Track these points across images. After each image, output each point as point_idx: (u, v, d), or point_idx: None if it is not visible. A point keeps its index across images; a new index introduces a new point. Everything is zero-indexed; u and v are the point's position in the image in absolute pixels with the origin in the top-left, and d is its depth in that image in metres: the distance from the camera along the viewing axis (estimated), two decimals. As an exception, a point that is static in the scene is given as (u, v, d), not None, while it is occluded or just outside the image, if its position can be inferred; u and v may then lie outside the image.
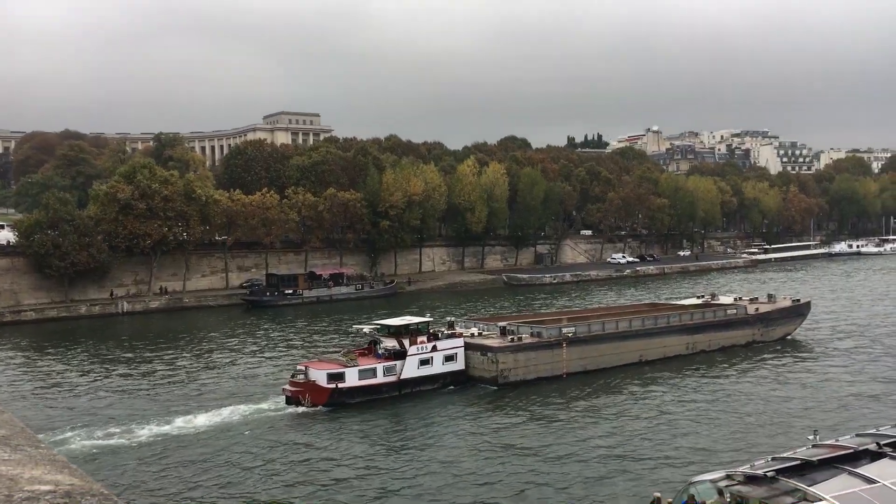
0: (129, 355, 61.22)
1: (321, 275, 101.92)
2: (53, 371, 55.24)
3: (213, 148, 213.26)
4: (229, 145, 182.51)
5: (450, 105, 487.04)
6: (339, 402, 42.84)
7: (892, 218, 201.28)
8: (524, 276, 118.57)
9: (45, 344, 67.70)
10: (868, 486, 18.84)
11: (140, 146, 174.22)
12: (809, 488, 18.59)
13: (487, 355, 47.97)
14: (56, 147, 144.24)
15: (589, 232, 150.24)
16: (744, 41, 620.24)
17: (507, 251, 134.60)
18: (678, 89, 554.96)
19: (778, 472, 19.72)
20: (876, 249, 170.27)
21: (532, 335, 50.47)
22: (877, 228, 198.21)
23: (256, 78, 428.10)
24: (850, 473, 19.59)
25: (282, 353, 60.96)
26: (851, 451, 21.75)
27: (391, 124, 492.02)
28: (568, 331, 50.81)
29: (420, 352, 46.51)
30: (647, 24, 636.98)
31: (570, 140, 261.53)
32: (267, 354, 60.76)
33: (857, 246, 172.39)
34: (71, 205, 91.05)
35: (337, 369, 43.80)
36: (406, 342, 46.61)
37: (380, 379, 44.84)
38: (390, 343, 46.99)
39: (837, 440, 23.89)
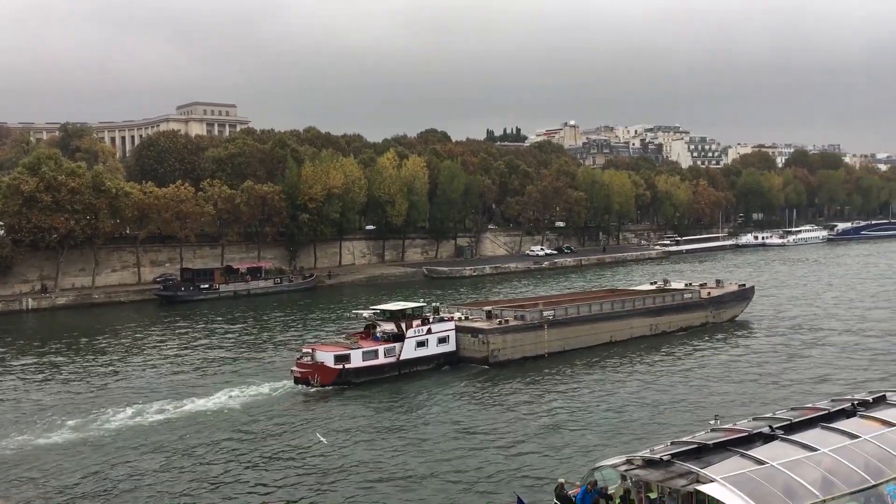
0: (36, 355, 59.05)
1: (238, 269, 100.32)
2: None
3: (123, 139, 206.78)
4: (141, 136, 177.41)
5: (369, 98, 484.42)
6: (345, 381, 45.96)
7: (794, 211, 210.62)
8: (444, 268, 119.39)
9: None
10: (757, 467, 19.91)
11: (45, 136, 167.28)
12: (702, 470, 19.52)
13: (479, 337, 51.64)
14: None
15: (509, 225, 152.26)
16: (657, 39, 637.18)
17: (427, 244, 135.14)
18: (595, 84, 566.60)
19: (675, 455, 20.62)
20: (780, 241, 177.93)
21: (516, 318, 54.00)
22: (781, 221, 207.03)
23: (168, 67, 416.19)
24: (742, 455, 20.63)
25: (211, 348, 59.88)
26: (746, 434, 22.88)
27: (310, 116, 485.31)
28: (548, 314, 54.90)
29: (417, 334, 49.73)
30: (563, 19, 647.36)
31: (490, 133, 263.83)
32: (194, 347, 59.57)
33: (763, 238, 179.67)
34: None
35: (343, 351, 46.89)
36: (403, 325, 49.67)
37: (381, 360, 48.01)
38: (388, 326, 50.09)
39: (735, 424, 25.03)
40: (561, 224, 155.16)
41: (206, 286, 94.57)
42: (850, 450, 21.87)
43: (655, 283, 74.94)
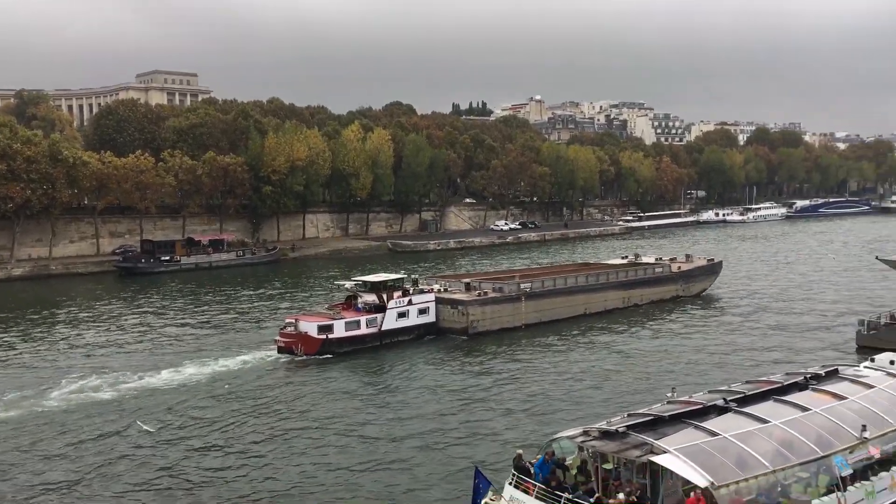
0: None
1: (200, 241, 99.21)
2: None
3: (81, 107, 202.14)
4: (99, 104, 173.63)
5: (334, 70, 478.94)
6: (328, 351, 46.84)
7: (755, 188, 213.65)
8: (409, 242, 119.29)
9: None
10: (710, 439, 20.36)
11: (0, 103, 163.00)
12: (656, 441, 19.91)
13: (458, 308, 52.76)
14: None
15: (473, 199, 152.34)
16: (622, 15, 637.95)
17: (391, 218, 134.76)
18: (561, 60, 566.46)
19: (630, 427, 21.00)
20: (740, 218, 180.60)
21: (494, 290, 55.16)
22: (741, 198, 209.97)
23: (126, 35, 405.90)
24: (696, 427, 21.07)
25: (174, 319, 59.29)
26: (701, 406, 23.37)
27: (273, 87, 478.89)
28: (526, 286, 56.19)
29: (398, 305, 50.74)
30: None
31: (456, 107, 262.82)
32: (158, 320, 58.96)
33: (723, 215, 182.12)
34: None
35: (326, 321, 47.74)
36: (384, 297, 50.55)
37: (363, 330, 48.92)
38: (370, 297, 50.84)
39: (691, 397, 25.54)
40: (526, 199, 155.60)
41: (168, 258, 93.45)
42: (801, 422, 22.46)
43: (627, 257, 76.29)
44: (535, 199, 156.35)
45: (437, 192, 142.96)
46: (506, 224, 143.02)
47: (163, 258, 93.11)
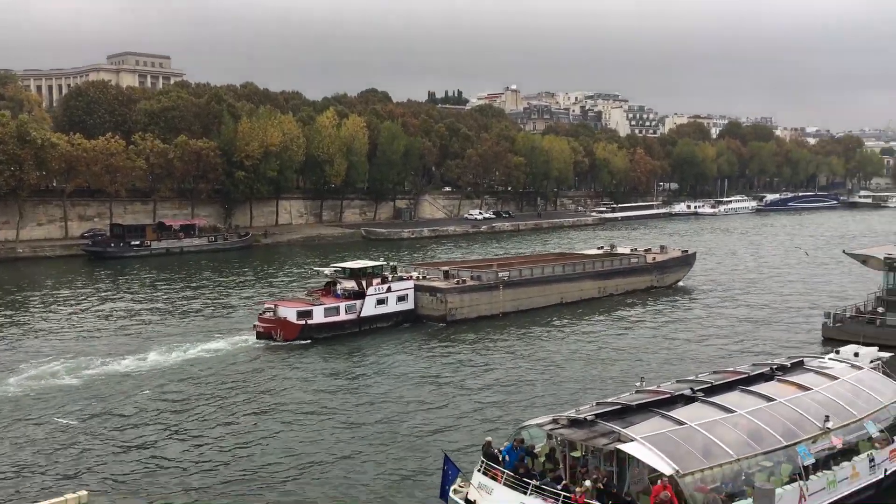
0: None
1: (171, 226, 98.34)
2: None
3: (50, 88, 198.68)
4: (69, 85, 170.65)
5: (309, 56, 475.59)
6: (308, 337, 47.03)
7: (726, 181, 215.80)
8: (383, 230, 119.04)
9: None
10: (676, 427, 20.63)
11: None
12: (624, 430, 20.13)
13: (437, 295, 53.14)
14: None
15: (448, 188, 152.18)
16: (598, 7, 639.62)
17: (366, 205, 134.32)
18: (537, 50, 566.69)
19: (599, 415, 21.22)
20: (711, 210, 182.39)
21: (472, 278, 55.64)
22: (713, 191, 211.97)
23: (98, 15, 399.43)
24: (663, 416, 21.34)
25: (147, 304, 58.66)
26: (668, 395, 23.67)
27: (248, 72, 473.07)
28: (504, 275, 56.74)
29: (377, 292, 51.03)
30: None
31: (431, 95, 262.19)
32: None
33: (695, 207, 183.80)
34: None
35: (306, 307, 47.95)
36: (364, 283, 50.91)
37: (342, 316, 49.24)
38: (349, 284, 51.29)
39: (659, 386, 25.85)
40: (500, 188, 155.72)
41: (138, 243, 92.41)
42: (766, 412, 22.83)
43: (602, 247, 76.94)
44: (509, 188, 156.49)
45: (412, 181, 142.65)
46: (480, 213, 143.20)
47: (133, 243, 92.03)
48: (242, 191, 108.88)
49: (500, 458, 21.58)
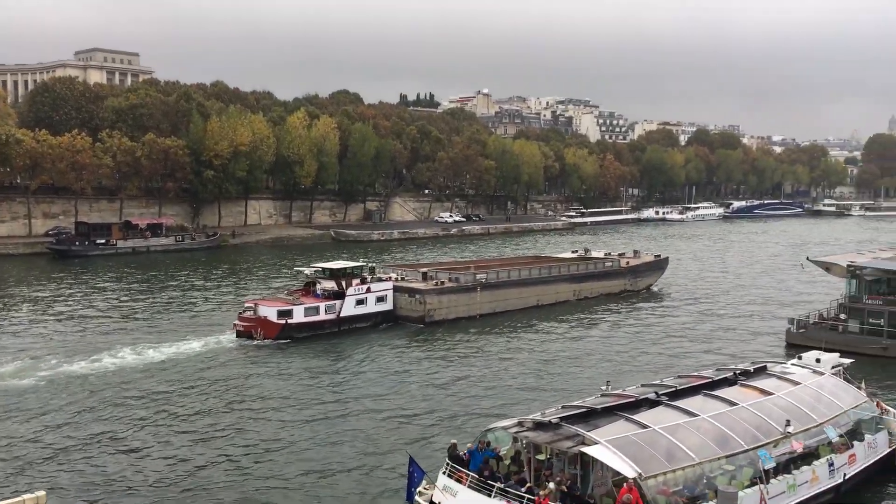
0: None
1: (138, 224, 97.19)
2: None
3: (16, 83, 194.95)
4: (35, 81, 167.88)
5: (281, 56, 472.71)
6: (288, 336, 47.40)
7: (694, 188, 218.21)
8: (353, 232, 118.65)
9: None
10: (640, 431, 20.82)
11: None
12: (588, 433, 20.28)
13: (416, 297, 53.67)
14: None
15: (419, 190, 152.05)
16: (569, 13, 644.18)
17: (336, 207, 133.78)
18: (508, 54, 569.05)
19: (564, 418, 21.34)
20: (679, 217, 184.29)
21: (451, 280, 56.17)
22: (681, 197, 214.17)
23: (66, 11, 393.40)
24: (627, 419, 21.52)
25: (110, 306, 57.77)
26: (633, 399, 23.86)
27: (218, 71, 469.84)
28: (481, 277, 57.55)
29: (356, 293, 51.55)
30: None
31: (403, 98, 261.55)
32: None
33: (663, 213, 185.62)
34: None
35: (286, 307, 48.25)
36: (343, 284, 51.39)
37: (322, 316, 49.69)
38: (329, 284, 51.77)
39: (624, 390, 26.06)
40: (471, 192, 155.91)
41: (103, 241, 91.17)
42: (729, 416, 23.14)
43: (577, 251, 77.77)
44: (480, 192, 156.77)
45: (383, 183, 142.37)
46: (450, 216, 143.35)
47: (98, 241, 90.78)
48: (211, 190, 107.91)
49: (466, 461, 21.60)
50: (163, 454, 28.25)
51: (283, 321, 47.38)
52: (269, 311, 47.37)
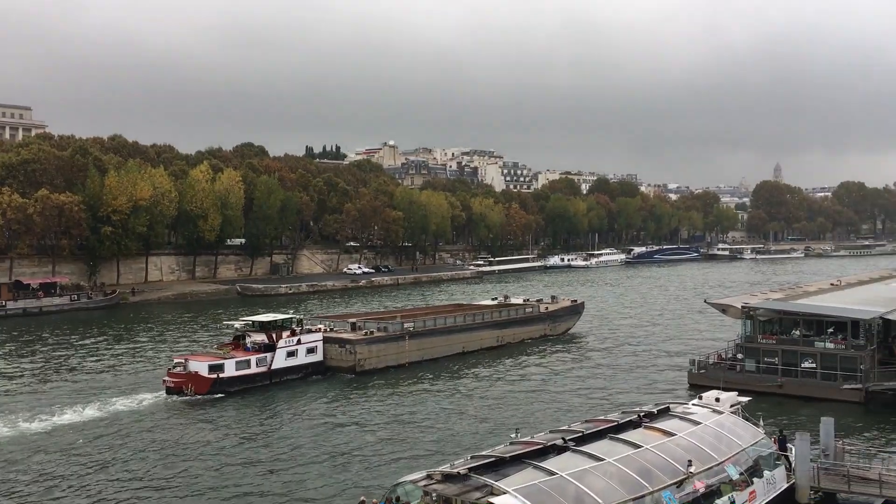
0: None
1: (29, 284, 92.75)
2: None
3: None
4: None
5: (182, 109, 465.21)
6: (219, 390, 47.09)
7: (597, 235, 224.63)
8: (259, 286, 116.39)
9: None
10: (548, 478, 20.97)
11: None
12: (496, 483, 20.29)
13: (346, 347, 54.35)
14: None
15: (327, 242, 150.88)
16: (471, 66, 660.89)
17: (241, 260, 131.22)
18: (413, 106, 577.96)
19: (473, 469, 21.29)
20: (584, 263, 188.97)
21: (379, 330, 57.13)
22: (584, 244, 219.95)
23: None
24: (535, 467, 21.65)
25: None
26: (541, 446, 24.04)
27: (117, 124, 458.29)
28: (409, 326, 58.62)
29: (287, 345, 51.72)
30: (378, 40, 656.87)
31: (309, 150, 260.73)
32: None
33: (569, 260, 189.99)
34: None
35: (217, 361, 48.16)
36: (274, 336, 51.41)
37: (253, 369, 49.77)
38: (259, 337, 51.72)
39: (533, 437, 26.25)
40: (379, 243, 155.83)
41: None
42: (633, 459, 23.59)
43: (496, 298, 79.37)
44: (388, 243, 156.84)
45: (290, 235, 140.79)
46: (359, 268, 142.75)
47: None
48: (109, 247, 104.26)
49: (376, 518, 21.22)
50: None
51: (215, 375, 47.13)
52: (200, 366, 47.01)
